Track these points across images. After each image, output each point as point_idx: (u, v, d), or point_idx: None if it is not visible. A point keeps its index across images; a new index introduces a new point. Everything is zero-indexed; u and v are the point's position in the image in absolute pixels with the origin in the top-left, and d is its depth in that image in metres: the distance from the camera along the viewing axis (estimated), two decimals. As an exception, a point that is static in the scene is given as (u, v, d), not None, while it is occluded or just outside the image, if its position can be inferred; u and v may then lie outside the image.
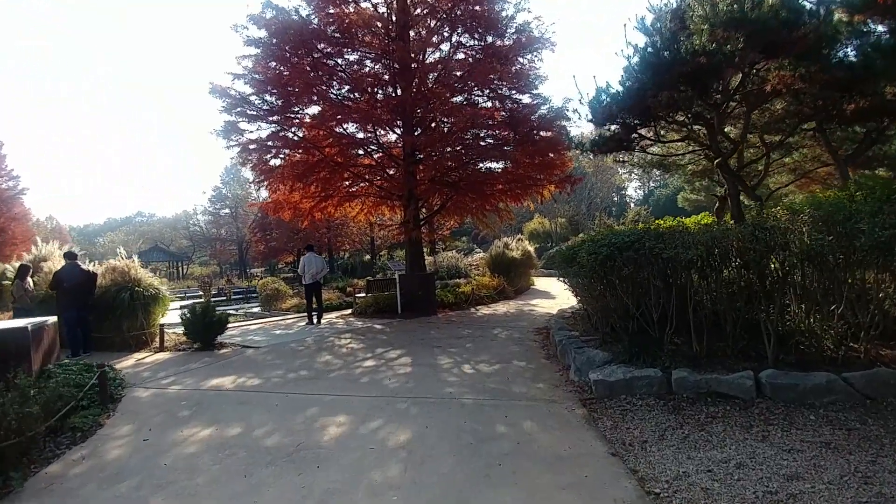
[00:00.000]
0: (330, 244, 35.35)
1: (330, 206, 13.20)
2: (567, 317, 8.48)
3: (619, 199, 54.14)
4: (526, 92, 10.89)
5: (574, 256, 6.41)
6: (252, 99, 10.70)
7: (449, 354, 6.86)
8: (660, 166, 10.10)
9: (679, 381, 4.47)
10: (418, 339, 8.00)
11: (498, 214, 12.84)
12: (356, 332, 8.93)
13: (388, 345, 7.68)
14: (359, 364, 6.48)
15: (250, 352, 7.49)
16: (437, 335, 8.36)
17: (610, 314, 5.65)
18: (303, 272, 10.15)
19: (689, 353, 5.00)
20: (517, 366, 6.14)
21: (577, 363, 5.43)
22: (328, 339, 8.31)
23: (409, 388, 5.33)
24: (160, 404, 5.15)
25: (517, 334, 8.19)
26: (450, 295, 12.06)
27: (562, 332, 7.08)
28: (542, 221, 32.10)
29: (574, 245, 7.17)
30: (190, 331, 7.97)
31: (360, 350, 7.36)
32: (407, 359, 6.71)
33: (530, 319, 9.72)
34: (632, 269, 4.98)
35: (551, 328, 7.72)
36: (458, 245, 32.25)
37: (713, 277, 4.72)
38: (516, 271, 15.65)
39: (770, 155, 9.28)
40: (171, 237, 57.83)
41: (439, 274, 16.55)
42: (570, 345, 6.05)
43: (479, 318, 10.39)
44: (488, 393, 5.02)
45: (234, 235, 49.12)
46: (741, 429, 3.82)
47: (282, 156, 11.74)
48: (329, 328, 9.49)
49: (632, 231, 5.93)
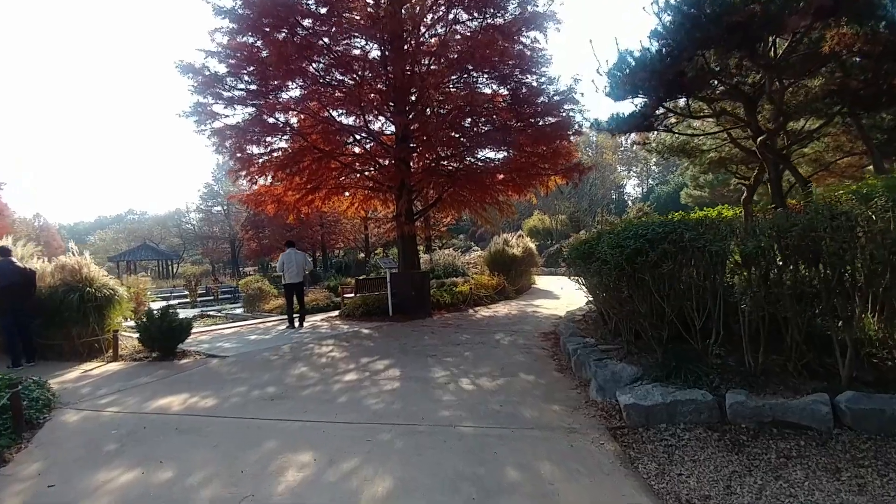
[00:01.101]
0: (323, 242, 34.36)
1: (317, 200, 12.22)
2: (577, 320, 7.54)
3: (617, 196, 53.29)
4: (529, 72, 9.92)
5: (591, 252, 5.46)
6: (227, 79, 9.69)
7: (444, 365, 5.90)
8: (681, 152, 9.16)
9: (735, 406, 3.52)
10: (410, 347, 7.04)
11: (499, 208, 11.88)
12: (340, 337, 7.95)
13: (374, 353, 6.71)
14: (338, 378, 5.51)
15: (214, 362, 6.51)
16: (432, 341, 7.40)
17: (637, 319, 4.70)
18: (282, 271, 9.16)
19: (739, 368, 4.07)
20: (525, 380, 5.19)
21: (598, 379, 4.48)
22: (307, 346, 7.33)
23: (396, 410, 4.37)
24: (88, 432, 4.17)
25: (522, 340, 7.24)
26: (446, 295, 11.11)
27: (574, 338, 6.14)
28: (542, 218, 31.12)
29: (588, 239, 6.22)
30: (145, 338, 6.99)
31: (341, 360, 6.39)
32: (395, 371, 5.75)
33: (535, 322, 8.77)
34: (671, 266, 4.03)
35: (561, 333, 6.77)
36: (455, 242, 31.30)
37: (775, 275, 3.77)
38: (517, 270, 14.70)
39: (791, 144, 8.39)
40: (162, 235, 56.63)
41: (435, 272, 15.59)
42: (587, 356, 5.11)
43: (479, 320, 9.43)
44: (492, 418, 4.06)
45: (226, 233, 48.02)
46: (828, 475, 2.89)
47: (262, 143, 10.73)
48: (310, 333, 8.51)
49: (662, 221, 4.99)
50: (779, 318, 3.86)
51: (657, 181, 54.73)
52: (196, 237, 52.47)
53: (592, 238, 5.97)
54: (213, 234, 49.83)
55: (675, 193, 36.42)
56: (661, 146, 9.33)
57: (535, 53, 10.18)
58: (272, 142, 10.91)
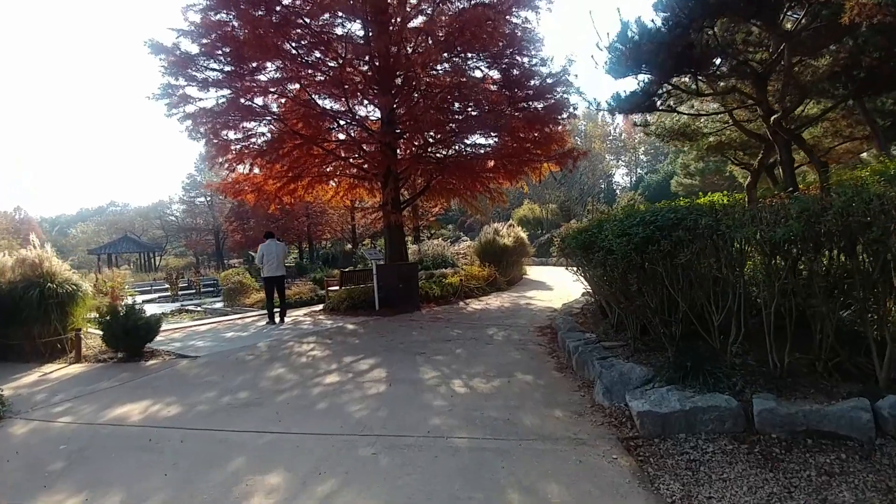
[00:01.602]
0: (309, 233, 33.64)
1: (300, 189, 11.66)
2: (575, 313, 7.14)
3: (606, 185, 53.12)
4: (521, 53, 9.42)
5: (592, 241, 5.04)
6: (201, 60, 9.07)
7: (434, 364, 5.46)
8: (681, 135, 8.76)
9: (764, 414, 3.12)
10: (397, 343, 6.58)
11: (490, 196, 11.41)
12: (323, 334, 7.46)
13: (359, 351, 6.24)
14: (318, 380, 5.04)
15: (184, 364, 6.00)
16: (421, 337, 6.95)
17: (646, 314, 4.29)
18: (261, 263, 8.62)
19: (762, 369, 3.68)
20: (523, 381, 4.76)
21: (605, 381, 4.07)
22: (287, 343, 6.84)
23: (381, 418, 3.92)
24: (33, 448, 3.68)
25: (517, 335, 6.82)
26: (435, 287, 10.66)
27: (573, 333, 5.73)
28: (533, 207, 30.73)
29: (587, 227, 5.79)
30: (109, 338, 6.46)
31: (323, 359, 5.91)
32: (381, 371, 5.29)
33: (529, 316, 8.36)
34: (689, 256, 3.60)
35: (558, 328, 6.37)
36: (443, 233, 30.83)
37: (806, 264, 3.36)
38: (508, 260, 14.29)
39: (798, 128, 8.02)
40: (143, 227, 55.34)
41: (424, 264, 15.12)
42: (590, 353, 4.70)
43: (470, 314, 9.00)
44: (489, 427, 3.63)
45: (210, 225, 47.00)
46: (880, 495, 2.50)
47: (240, 129, 10.13)
48: (291, 329, 8.01)
49: (672, 206, 4.56)
50: (806, 314, 3.46)
51: (646, 170, 54.67)
52: (179, 229, 51.32)
53: (592, 226, 5.54)
54: (197, 226, 48.84)
55: (664, 182, 36.23)
56: (661, 129, 8.91)
57: (527, 34, 9.68)
58: (251, 127, 10.33)
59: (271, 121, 10.19)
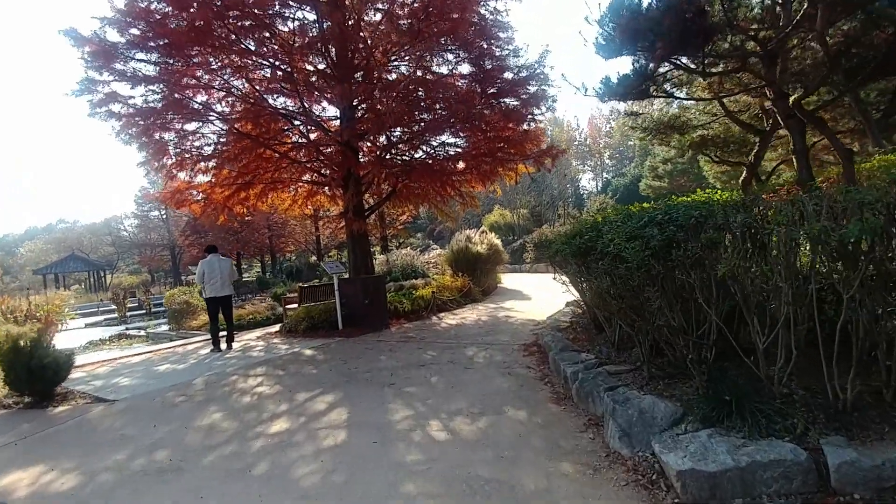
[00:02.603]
0: (272, 245, 32.11)
1: (252, 197, 10.54)
2: (564, 328, 6.35)
3: (573, 190, 53.35)
4: (492, 44, 8.67)
5: (590, 247, 4.25)
6: (128, 52, 7.94)
7: (406, 399, 4.54)
8: (670, 128, 8.17)
9: (844, 468, 2.36)
10: (362, 372, 5.63)
11: (462, 201, 10.58)
12: (275, 362, 6.42)
13: (315, 385, 5.25)
14: (261, 429, 4.05)
15: (98, 410, 4.88)
16: (390, 363, 6.01)
17: (667, 333, 3.51)
18: (202, 282, 7.51)
19: (817, 401, 2.94)
20: (515, 419, 3.90)
21: (620, 420, 3.25)
22: (229, 378, 5.78)
23: (337, 486, 2.98)
24: None
25: (500, 356, 5.97)
26: (405, 301, 9.73)
27: (567, 354, 4.93)
28: (504, 213, 30.11)
29: (580, 231, 5.01)
30: (12, 379, 5.30)
31: (271, 398, 4.90)
32: (341, 412, 4.34)
33: (511, 331, 7.53)
34: (735, 261, 2.83)
35: (548, 347, 5.56)
36: (412, 242, 29.89)
37: (878, 268, 2.63)
38: (482, 268, 13.48)
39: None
40: (93, 244, 52.24)
41: (393, 275, 14.16)
42: (594, 382, 3.89)
43: (445, 330, 8.11)
44: (480, 495, 2.75)
45: (165, 239, 44.61)
46: None
47: (178, 131, 9.01)
48: (238, 358, 6.93)
49: (689, 202, 3.83)
50: (870, 331, 2.74)
51: (612, 174, 55.21)
52: (132, 245, 48.57)
53: (586, 228, 4.76)
54: (151, 241, 46.34)
55: (632, 185, 36.31)
56: (648, 121, 8.30)
57: (498, 23, 8.94)
58: (191, 129, 9.21)
59: (215, 121, 9.11)
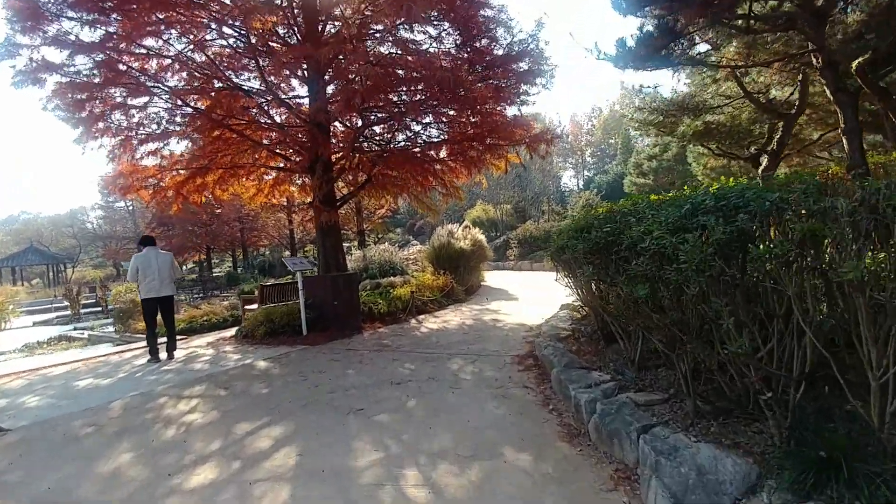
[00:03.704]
0: (244, 239, 30.64)
1: (210, 184, 9.39)
2: (564, 336, 5.45)
3: (555, 187, 52.89)
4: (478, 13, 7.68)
5: (611, 242, 3.34)
6: (54, 7, 6.74)
7: (376, 433, 3.56)
8: (683, 109, 7.31)
9: None
10: (324, 393, 4.62)
11: (446, 191, 9.59)
12: (219, 379, 5.34)
13: (263, 411, 4.23)
14: (179, 482, 3.02)
15: (-27, 448, 3.78)
16: (359, 379, 5.02)
17: (721, 359, 2.60)
18: (135, 279, 6.37)
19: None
20: (517, 468, 2.96)
21: (668, 481, 2.34)
22: (157, 400, 4.69)
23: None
24: None
25: (490, 370, 5.03)
26: (381, 301, 8.73)
27: (575, 373, 4.03)
28: (486, 208, 29.19)
29: (588, 224, 4.09)
30: None
31: (202, 431, 3.86)
32: (289, 453, 3.33)
33: (501, 338, 6.59)
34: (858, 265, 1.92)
35: (549, 362, 4.66)
36: (391, 237, 28.82)
37: None
38: (465, 266, 12.54)
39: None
40: (54, 236, 49.73)
41: (370, 271, 13.13)
42: (621, 419, 2.97)
43: (425, 337, 7.13)
44: None
45: (131, 232, 42.52)
46: None
47: (122, 107, 7.83)
48: (177, 371, 5.82)
49: (743, 185, 2.94)
50: None
51: (593, 172, 54.87)
52: (96, 237, 46.29)
53: (603, 218, 3.84)
54: (116, 234, 44.21)
55: (614, 182, 35.87)
56: (659, 102, 7.41)
57: None
58: (138, 104, 8.02)
59: (165, 96, 7.94)
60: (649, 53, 4.87)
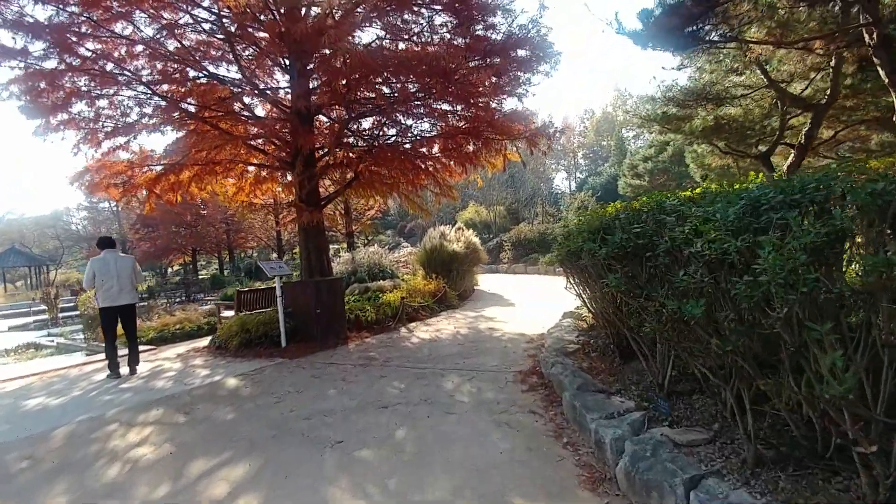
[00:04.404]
0: (230, 241, 29.79)
1: (185, 181, 8.73)
2: (572, 351, 4.87)
3: (547, 189, 52.52)
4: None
5: (642, 246, 2.78)
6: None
7: (357, 477, 2.95)
8: (703, 98, 6.76)
9: None
10: (298, 420, 3.99)
11: (439, 189, 8.96)
12: (180, 401, 4.68)
13: (225, 443, 3.60)
14: (104, 548, 2.40)
15: None
16: (340, 402, 4.40)
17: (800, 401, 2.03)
18: (92, 285, 5.70)
19: None
20: (531, 528, 2.37)
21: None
22: (106, 428, 4.04)
23: None
24: None
25: (491, 390, 4.43)
26: (369, 308, 8.11)
27: (590, 397, 3.46)
28: (479, 210, 28.59)
29: (604, 225, 3.53)
30: None
31: (150, 471, 3.22)
32: (250, 502, 2.72)
33: (500, 351, 6.00)
34: None
35: (558, 383, 4.09)
36: (381, 238, 28.17)
37: None
38: (459, 270, 11.94)
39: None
40: (37, 237, 48.47)
41: (358, 275, 12.49)
42: (660, 466, 2.39)
43: (416, 348, 6.52)
44: None
45: (116, 233, 41.51)
46: None
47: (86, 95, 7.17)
48: (136, 390, 5.17)
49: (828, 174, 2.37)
50: None
51: (586, 174, 54.54)
52: (80, 238, 45.20)
53: (626, 219, 3.28)
54: (100, 235, 43.06)
55: (608, 184, 35.43)
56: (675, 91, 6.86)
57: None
58: (107, 94, 7.36)
59: (135, 86, 7.29)
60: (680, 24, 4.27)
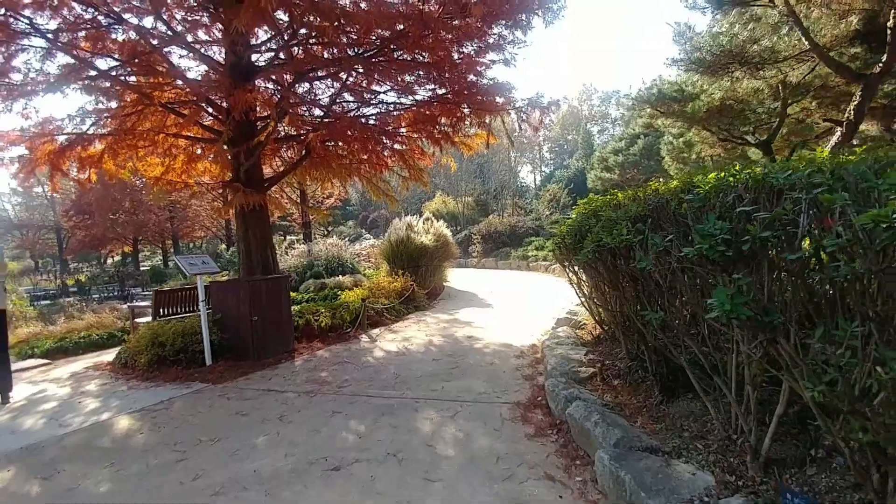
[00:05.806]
0: (174, 230, 27.40)
1: (96, 155, 7.12)
2: (586, 376, 3.75)
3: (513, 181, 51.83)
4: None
5: (774, 240, 1.62)
6: None
7: None
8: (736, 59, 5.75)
9: None
10: (204, 497, 2.69)
11: (409, 170, 7.66)
12: (40, 457, 3.27)
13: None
14: None
15: None
16: (272, 456, 3.11)
17: None
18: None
19: None
20: None
21: None
22: None
23: None
24: None
25: (484, 436, 3.23)
26: (323, 311, 6.78)
27: (638, 463, 2.31)
28: (447, 200, 27.33)
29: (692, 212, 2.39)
30: None
31: None
32: None
33: (487, 370, 4.80)
34: None
35: (576, 426, 2.94)
36: (342, 230, 26.58)
37: None
38: (428, 265, 10.71)
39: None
40: (-42, 225, 44.00)
41: (314, 269, 11.08)
42: None
43: (380, 365, 5.24)
44: None
45: (50, 220, 38.05)
46: None
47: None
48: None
49: None
50: None
51: (552, 167, 54.15)
52: (11, 226, 41.29)
53: (696, 207, 2.15)
54: (34, 222, 39.67)
55: (575, 178, 34.89)
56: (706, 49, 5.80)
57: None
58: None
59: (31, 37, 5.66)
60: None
